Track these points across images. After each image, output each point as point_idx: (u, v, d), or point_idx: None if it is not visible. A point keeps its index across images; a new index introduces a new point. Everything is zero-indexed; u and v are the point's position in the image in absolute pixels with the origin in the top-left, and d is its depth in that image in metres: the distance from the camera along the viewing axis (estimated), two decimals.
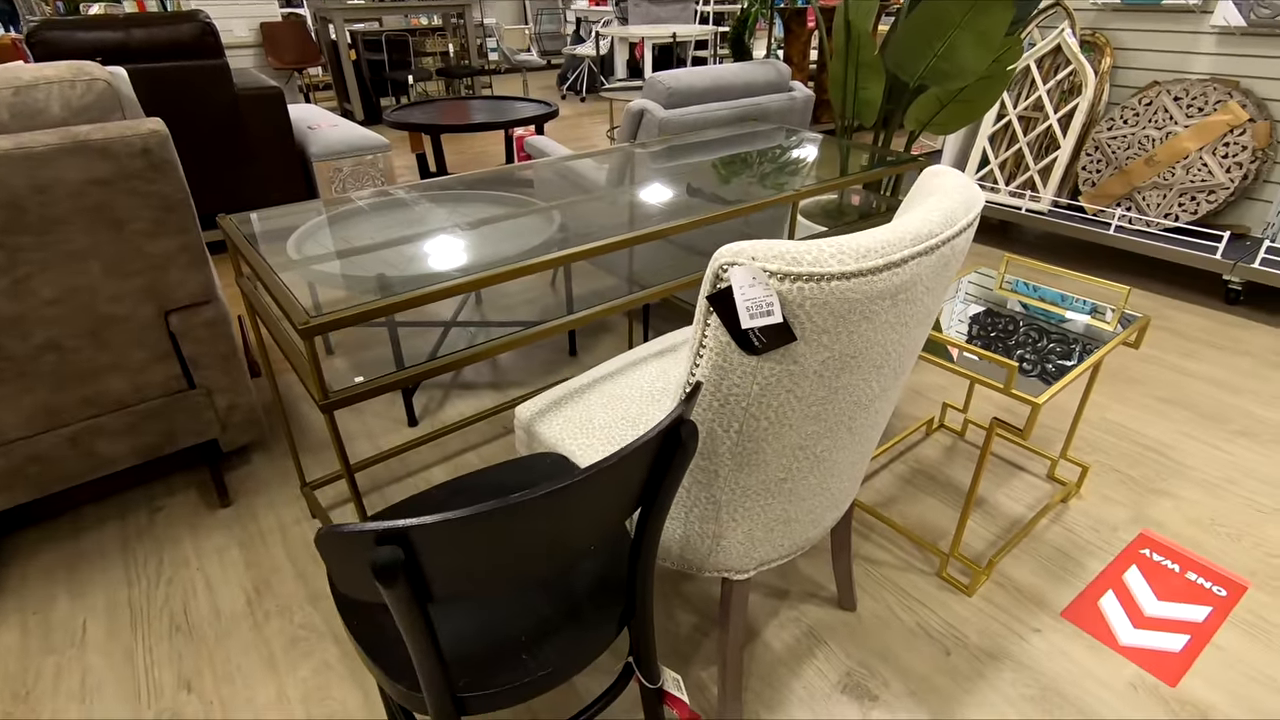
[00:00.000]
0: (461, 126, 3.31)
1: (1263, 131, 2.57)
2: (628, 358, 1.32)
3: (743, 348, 0.75)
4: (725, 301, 0.72)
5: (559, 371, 2.22)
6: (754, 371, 0.76)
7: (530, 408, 1.20)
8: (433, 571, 0.58)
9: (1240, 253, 2.56)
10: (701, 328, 0.77)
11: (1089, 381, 1.58)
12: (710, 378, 0.79)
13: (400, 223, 1.57)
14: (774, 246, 0.70)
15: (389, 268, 1.38)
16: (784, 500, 0.94)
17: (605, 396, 1.20)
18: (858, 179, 1.55)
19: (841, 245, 0.71)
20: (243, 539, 1.57)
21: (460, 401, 2.08)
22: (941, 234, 0.79)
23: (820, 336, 0.74)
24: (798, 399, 0.80)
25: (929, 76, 1.71)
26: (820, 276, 0.70)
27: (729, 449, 0.85)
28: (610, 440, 1.11)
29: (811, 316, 0.72)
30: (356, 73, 5.84)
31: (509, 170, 1.98)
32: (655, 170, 1.84)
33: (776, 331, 0.72)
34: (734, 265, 0.71)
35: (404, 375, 1.10)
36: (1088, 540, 1.56)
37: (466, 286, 1.12)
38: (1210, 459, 1.81)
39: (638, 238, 1.29)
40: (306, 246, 1.45)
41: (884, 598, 1.42)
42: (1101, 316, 1.47)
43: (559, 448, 1.13)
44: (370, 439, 1.91)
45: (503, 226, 1.55)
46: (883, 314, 0.77)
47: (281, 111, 3.08)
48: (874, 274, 0.72)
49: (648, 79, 1.94)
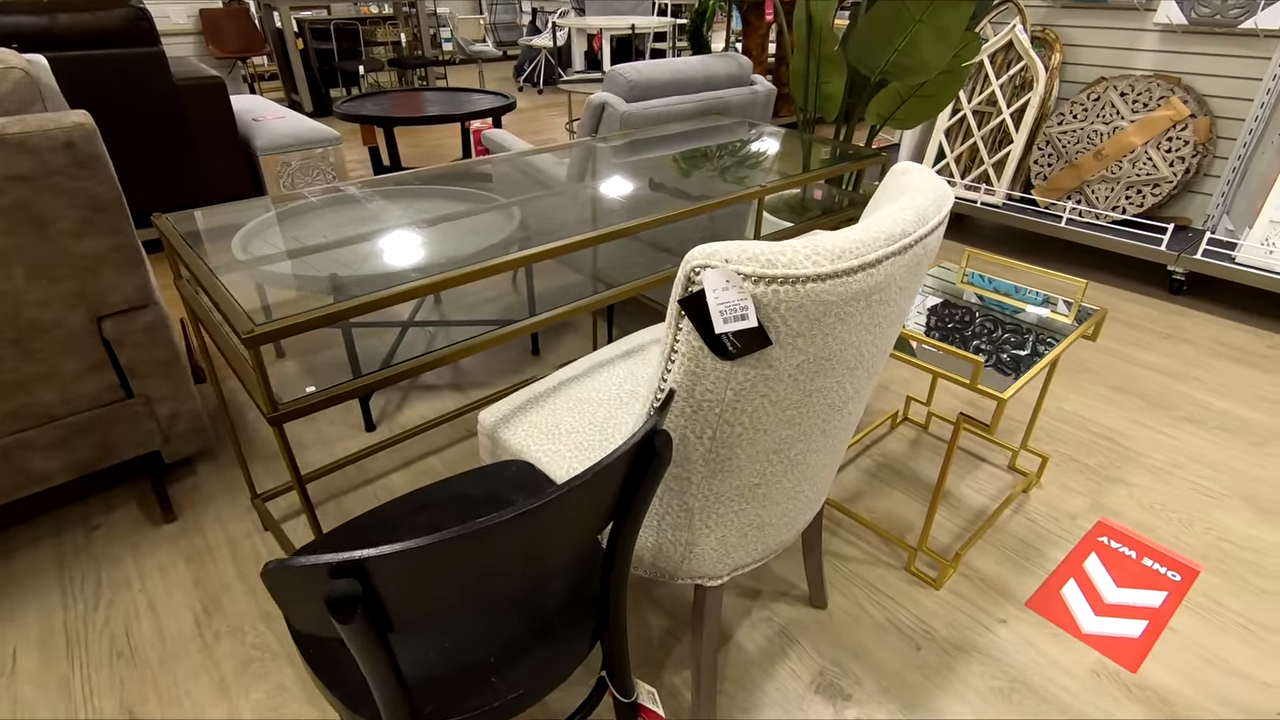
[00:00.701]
0: (416, 119, 3.22)
1: (1203, 127, 2.66)
2: (593, 359, 1.29)
3: (716, 353, 0.72)
4: (698, 305, 0.70)
5: (522, 371, 2.17)
6: (728, 377, 0.74)
7: (493, 413, 1.16)
8: (393, 602, 0.54)
9: (1183, 244, 2.65)
10: (673, 332, 0.74)
11: (1049, 374, 1.61)
12: (683, 384, 0.76)
13: (353, 220, 1.50)
14: (748, 248, 0.68)
15: (342, 268, 1.32)
16: (758, 505, 0.92)
17: (571, 400, 1.17)
18: (823, 174, 1.54)
19: (816, 246, 0.69)
20: (189, 555, 1.49)
21: (420, 403, 2.01)
22: (914, 233, 0.78)
23: (795, 340, 0.72)
24: (772, 403, 0.78)
25: (890, 71, 1.71)
26: (795, 279, 0.67)
27: (702, 455, 0.83)
28: (578, 446, 1.07)
29: (786, 320, 0.70)
30: (304, 63, 5.64)
31: (467, 165, 1.92)
32: (618, 165, 1.80)
33: (751, 336, 0.70)
34: (706, 268, 0.68)
35: (360, 384, 1.05)
36: (1049, 530, 1.59)
37: (425, 289, 1.07)
38: (1159, 445, 1.86)
39: (602, 236, 1.25)
40: (254, 246, 1.38)
41: (854, 594, 1.42)
42: (1057, 308, 1.49)
43: (525, 455, 1.09)
44: (325, 446, 1.83)
45: (462, 224, 1.50)
46: (857, 315, 0.75)
47: (223, 103, 2.94)
48: (849, 275, 0.71)
49: (608, 72, 1.90)
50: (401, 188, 1.69)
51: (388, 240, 1.39)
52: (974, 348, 1.36)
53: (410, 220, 1.50)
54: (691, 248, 0.71)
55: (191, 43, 5.68)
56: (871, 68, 1.73)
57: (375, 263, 1.32)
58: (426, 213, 1.56)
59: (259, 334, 0.86)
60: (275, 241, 1.42)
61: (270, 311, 1.07)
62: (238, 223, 1.42)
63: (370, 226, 1.46)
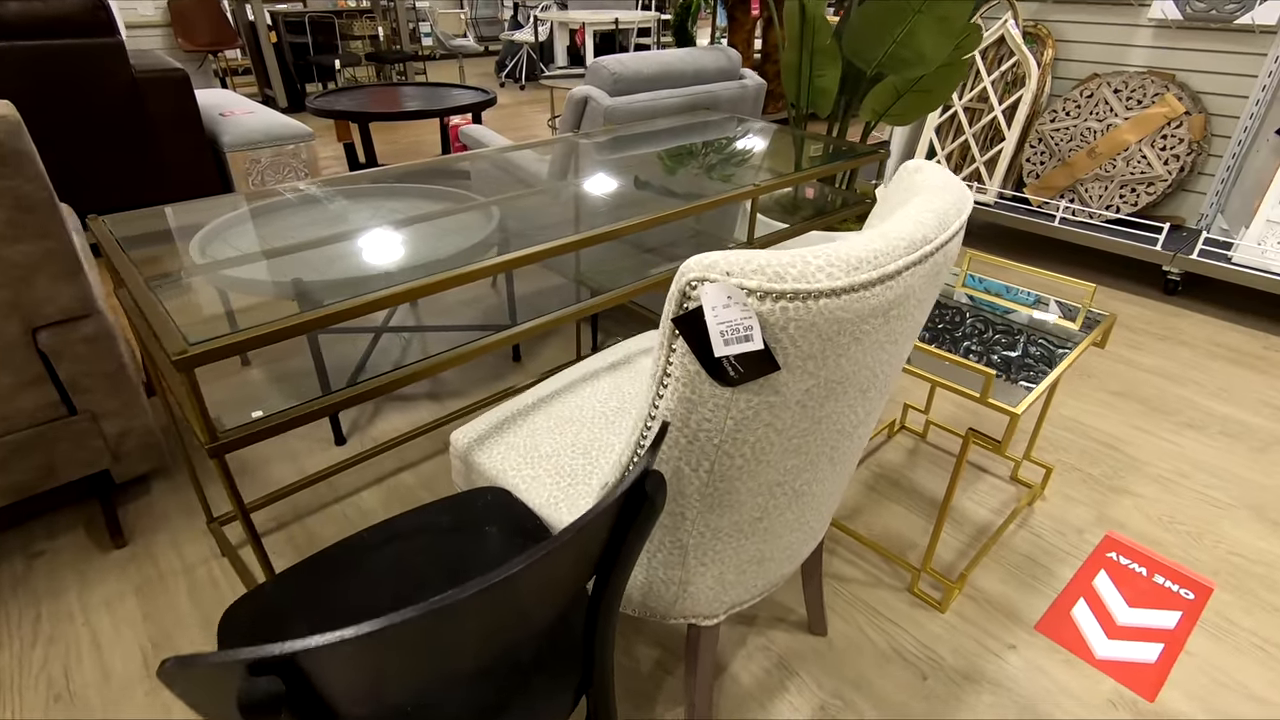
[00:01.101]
0: (392, 114, 3.10)
1: (1198, 124, 2.61)
2: (576, 372, 1.20)
3: (715, 378, 0.63)
4: (694, 324, 0.61)
5: (502, 379, 2.07)
6: (728, 404, 0.65)
7: (467, 434, 1.06)
8: (333, 697, 0.45)
9: (1179, 244, 2.61)
10: (665, 354, 0.65)
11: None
12: (677, 412, 0.67)
13: (321, 220, 1.40)
14: (752, 259, 0.59)
15: (308, 272, 1.22)
16: (759, 540, 0.84)
17: (552, 419, 1.07)
18: (821, 171, 1.46)
19: (830, 257, 0.60)
20: (140, 584, 1.38)
21: (394, 415, 1.91)
22: (936, 239, 0.70)
23: (805, 363, 0.63)
24: (777, 433, 0.69)
25: (887, 64, 1.63)
26: (807, 294, 0.59)
27: (697, 490, 0.74)
28: (559, 472, 0.98)
29: (796, 341, 0.61)
30: (278, 57, 5.47)
31: (443, 161, 1.81)
32: (602, 162, 1.71)
33: (756, 360, 0.61)
34: (705, 282, 0.59)
35: (321, 405, 0.95)
36: (1055, 545, 1.52)
37: (394, 299, 0.97)
38: (1162, 453, 1.80)
39: (586, 240, 1.16)
40: (213, 248, 1.27)
41: (855, 619, 1.34)
42: (1048, 308, 1.42)
43: (501, 481, 0.99)
44: (292, 461, 1.72)
45: (438, 224, 1.40)
46: (873, 333, 0.67)
47: (187, 96, 2.80)
48: (866, 289, 0.62)
49: (591, 64, 1.80)
50: (375, 186, 1.58)
51: (357, 242, 1.28)
52: (964, 349, 1.30)
53: (382, 220, 1.40)
54: (681, 250, 0.62)
55: (160, 36, 5.49)
56: (868, 61, 1.65)
57: (343, 266, 1.22)
58: (400, 212, 1.45)
59: (193, 355, 0.75)
60: (237, 244, 1.31)
61: (234, 320, 0.97)
62: (193, 223, 1.32)
63: (339, 227, 1.36)
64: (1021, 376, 1.22)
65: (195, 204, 1.39)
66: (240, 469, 1.69)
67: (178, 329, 0.79)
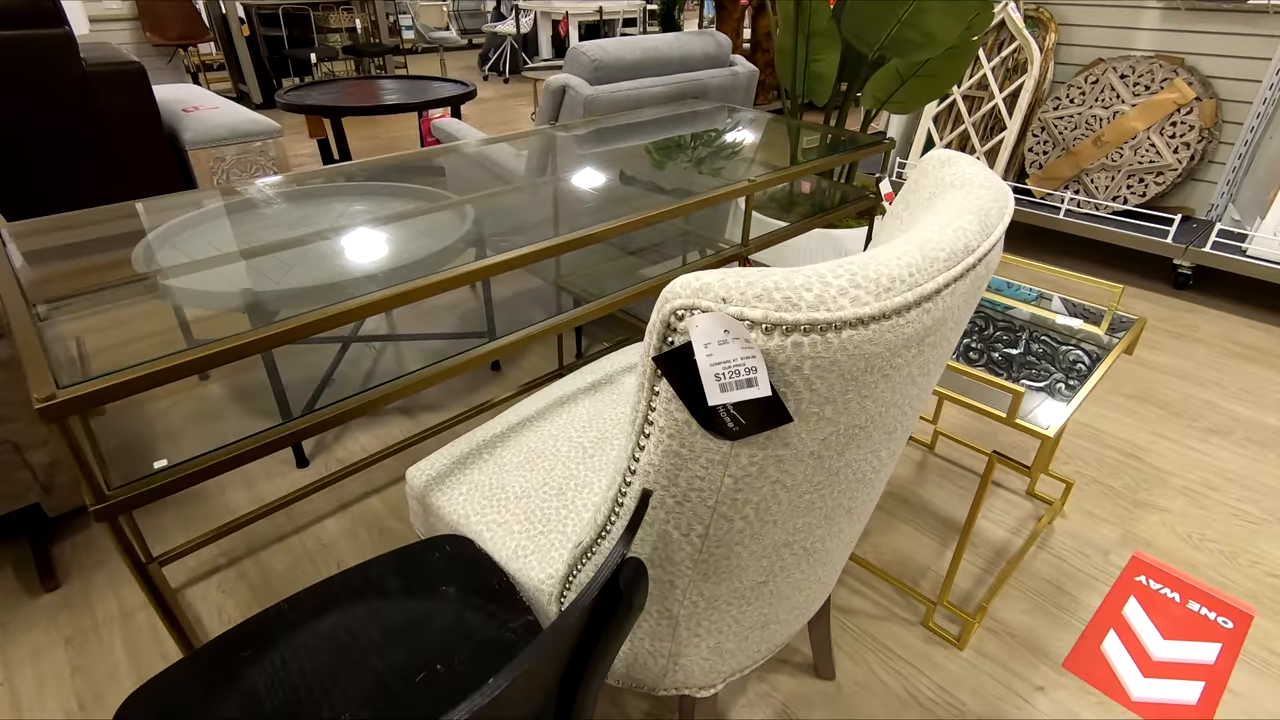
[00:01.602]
0: (366, 108, 2.94)
1: (1209, 110, 2.50)
2: (551, 395, 1.06)
3: (710, 430, 0.50)
4: (682, 364, 0.47)
5: (480, 390, 1.93)
6: (725, 460, 0.52)
7: (425, 471, 0.93)
8: None
9: (1190, 236, 2.49)
10: (647, 396, 0.52)
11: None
12: (662, 468, 0.54)
13: (276, 222, 1.26)
14: (755, 281, 0.45)
15: (258, 281, 1.08)
16: (762, 604, 0.70)
17: (523, 453, 0.94)
18: (822, 164, 1.33)
19: (854, 276, 0.47)
20: (71, 634, 1.23)
21: (362, 432, 1.76)
22: (979, 247, 0.56)
23: (823, 408, 0.50)
24: (786, 490, 0.56)
25: (891, 47, 1.50)
26: (827, 325, 0.45)
27: (689, 556, 0.60)
28: (530, 517, 0.84)
29: (812, 383, 0.48)
30: (252, 51, 5.29)
31: (411, 157, 1.67)
32: (583, 156, 1.57)
33: (760, 408, 0.47)
34: (695, 311, 0.45)
35: (257, 443, 0.81)
36: (1079, 569, 1.40)
37: (351, 315, 0.84)
38: (1188, 462, 1.68)
39: (568, 244, 1.02)
40: (164, 255, 1.13)
41: (865, 658, 1.21)
42: (1051, 305, 1.30)
43: (463, 527, 0.86)
44: (248, 487, 1.58)
45: (406, 226, 1.26)
46: (905, 367, 0.54)
47: (144, 91, 2.63)
48: (900, 315, 0.49)
49: (570, 50, 1.66)
50: (332, 185, 1.44)
51: (315, 247, 1.14)
52: (964, 346, 1.19)
53: (346, 222, 1.25)
54: (669, 250, 0.50)
55: (128, 30, 5.29)
56: (870, 43, 1.51)
57: (297, 275, 1.08)
58: (365, 214, 1.31)
59: (64, 400, 0.61)
60: (187, 249, 1.17)
61: (190, 332, 0.84)
62: (151, 226, 1.18)
63: (294, 231, 1.21)
64: (1023, 375, 1.12)
65: (148, 203, 1.25)
66: (188, 497, 1.54)
67: (48, 368, 0.64)
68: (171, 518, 1.49)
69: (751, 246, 1.31)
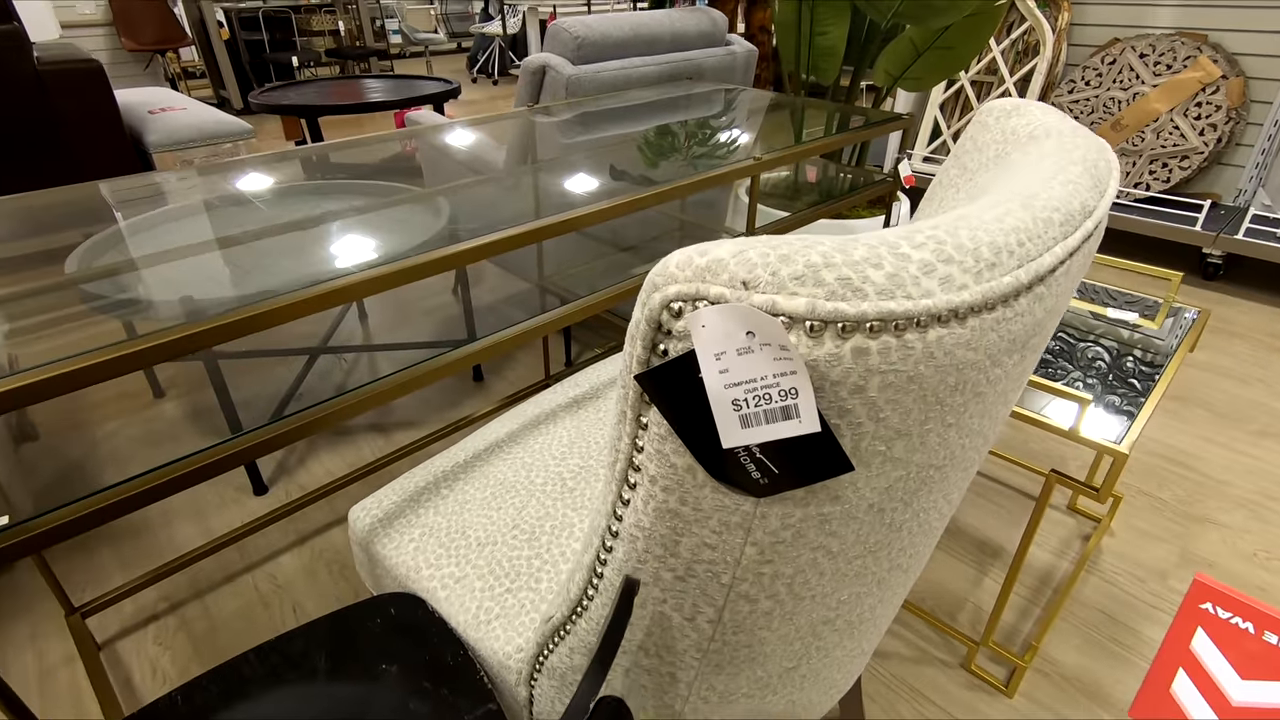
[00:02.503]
0: (342, 107, 2.79)
1: (1236, 89, 2.34)
2: (525, 414, 0.89)
3: (725, 483, 0.33)
4: (680, 385, 0.31)
5: (460, 404, 1.76)
6: (747, 523, 0.35)
7: (369, 511, 0.76)
8: None
9: (1220, 223, 2.34)
10: (631, 432, 0.35)
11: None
12: (655, 532, 0.37)
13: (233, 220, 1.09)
14: (791, 255, 0.29)
15: (209, 286, 0.92)
16: (791, 689, 0.54)
17: (489, 486, 0.77)
18: (840, 140, 1.17)
19: (941, 245, 0.31)
20: None
21: (328, 454, 1.60)
22: (1096, 210, 0.40)
23: (891, 445, 0.34)
24: (832, 556, 0.40)
25: (907, 13, 1.34)
26: (908, 320, 0.29)
27: (696, 645, 0.44)
28: (495, 569, 0.68)
29: (880, 411, 0.31)
30: (232, 55, 5.13)
31: (366, 140, 1.51)
32: (566, 143, 1.41)
33: (803, 452, 0.31)
34: (698, 303, 0.29)
35: (204, 461, 0.64)
36: (1135, 596, 1.23)
37: (277, 316, 0.67)
38: (1242, 469, 1.52)
39: (544, 229, 0.86)
40: (104, 260, 0.97)
41: (898, 708, 1.04)
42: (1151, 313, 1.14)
43: (413, 584, 0.69)
44: (198, 518, 1.41)
45: (372, 222, 1.09)
46: (1003, 380, 0.37)
47: (103, 90, 2.47)
48: (1008, 303, 0.32)
49: (551, 27, 1.50)
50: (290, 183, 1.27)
51: (267, 246, 0.98)
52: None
53: (307, 221, 1.09)
54: (664, 246, 0.32)
55: (103, 35, 5.13)
56: (883, 10, 1.35)
57: (249, 280, 0.92)
58: (329, 212, 1.15)
59: None
60: (127, 252, 1.00)
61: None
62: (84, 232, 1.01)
63: (245, 227, 1.05)
64: (1065, 377, 0.96)
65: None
66: (128, 531, 1.37)
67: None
68: (109, 556, 1.32)
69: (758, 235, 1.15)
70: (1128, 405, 0.92)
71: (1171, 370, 0.97)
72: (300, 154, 1.40)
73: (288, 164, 1.31)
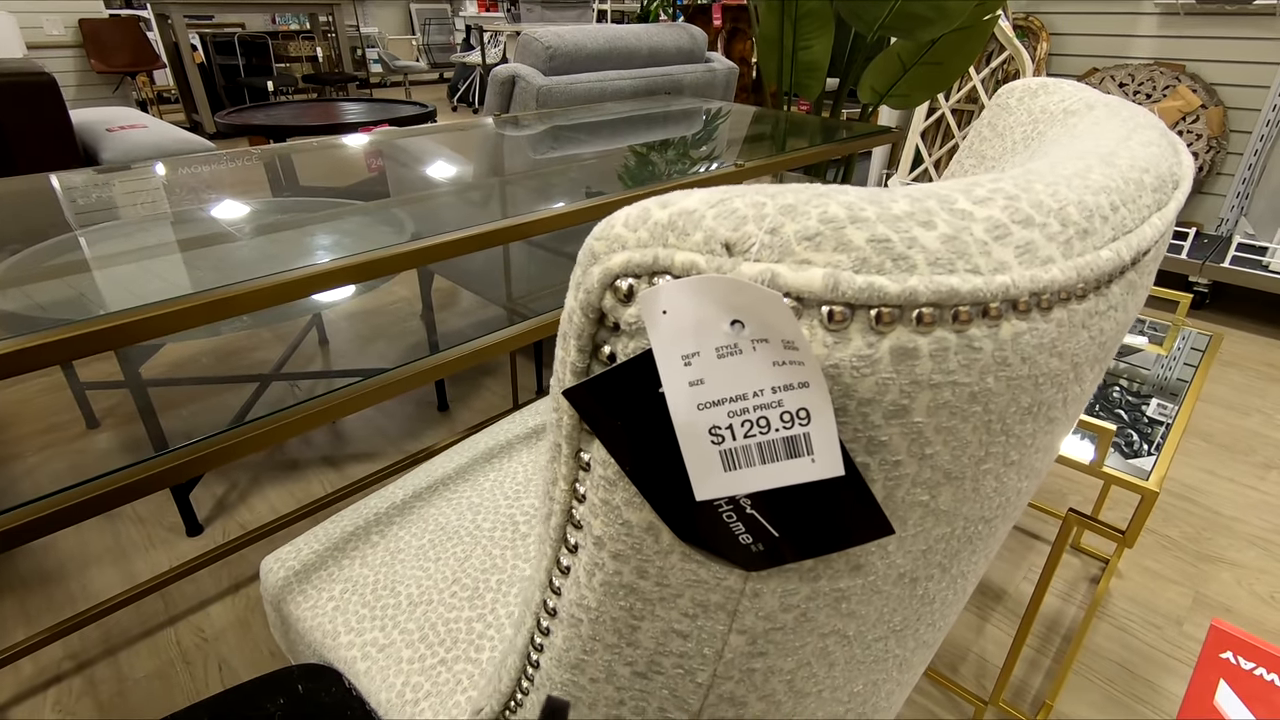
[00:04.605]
0: (312, 128, 2.71)
1: (1216, 118, 2.34)
2: (475, 447, 0.78)
3: (700, 546, 0.23)
4: (628, 403, 0.20)
5: (421, 435, 1.64)
6: (732, 603, 0.25)
7: (284, 562, 0.64)
8: None
9: (1205, 251, 2.31)
10: (569, 471, 0.25)
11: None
12: (604, 614, 0.27)
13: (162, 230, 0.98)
14: (799, 207, 0.19)
15: (124, 297, 0.80)
16: None
17: (427, 533, 0.66)
18: (828, 151, 1.09)
19: (1014, 201, 0.21)
20: None
21: (273, 490, 1.46)
22: (1182, 178, 0.31)
23: (937, 494, 0.23)
24: (847, 642, 0.29)
25: (894, 25, 1.28)
26: (976, 305, 0.19)
27: None
28: (427, 638, 0.56)
29: (927, 442, 0.21)
30: (206, 79, 5.04)
31: (311, 144, 1.41)
32: (534, 155, 1.32)
33: (815, 506, 0.21)
34: (656, 277, 0.19)
35: (108, 487, 0.52)
36: (1151, 644, 1.13)
37: (184, 317, 0.56)
38: (1249, 504, 1.44)
39: (495, 233, 0.76)
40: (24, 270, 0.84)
41: None
42: (1159, 337, 1.06)
43: (328, 652, 0.57)
44: (120, 562, 1.27)
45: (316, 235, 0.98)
46: (1081, 397, 0.27)
47: (55, 105, 2.36)
48: (1101, 289, 0.22)
49: (521, 37, 1.42)
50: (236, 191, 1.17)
51: (208, 256, 0.87)
52: None
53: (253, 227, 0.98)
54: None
55: (72, 57, 5.02)
56: (870, 21, 1.29)
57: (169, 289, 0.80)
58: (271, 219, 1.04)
59: None
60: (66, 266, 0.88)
61: None
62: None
63: (182, 235, 0.94)
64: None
65: None
66: (38, 575, 1.23)
67: None
68: (11, 606, 1.17)
69: None
70: (1142, 438, 0.83)
71: (1192, 398, 0.89)
72: (255, 160, 1.30)
73: (239, 171, 1.20)
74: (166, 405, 1.62)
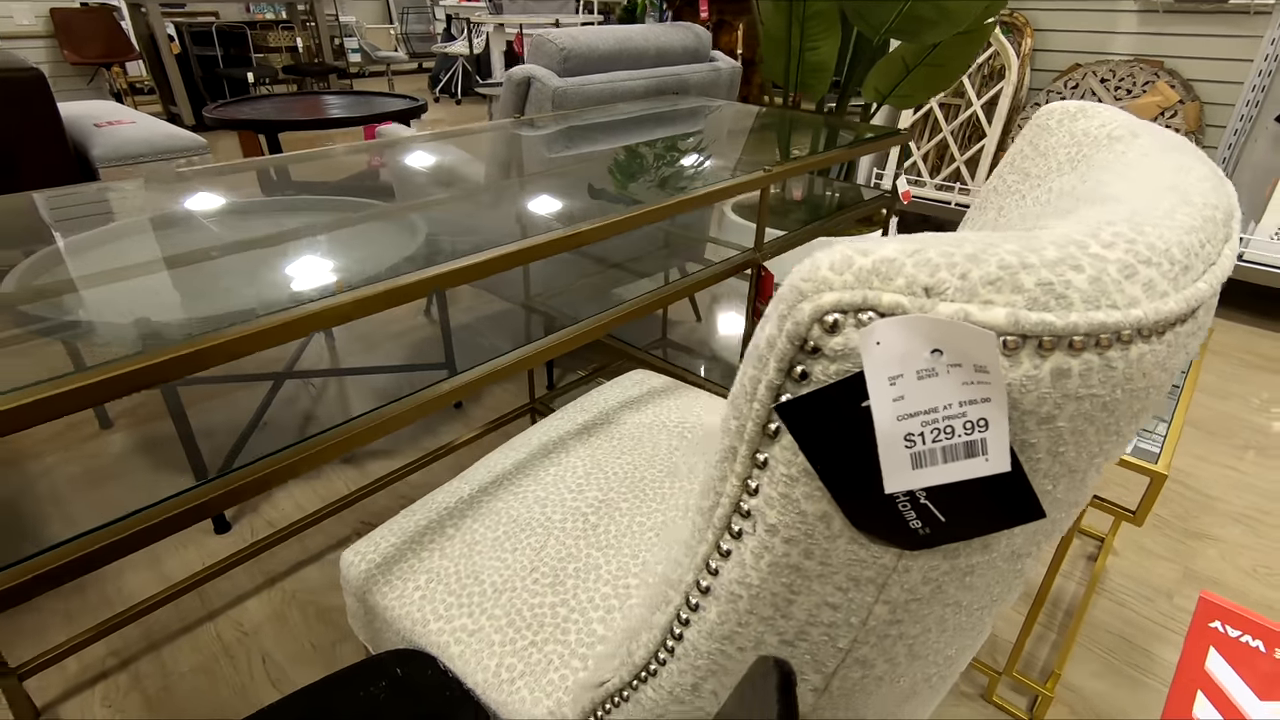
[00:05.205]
0: (305, 123, 2.69)
1: (1192, 113, 2.43)
2: (530, 443, 0.82)
3: (871, 534, 0.27)
4: (830, 418, 0.25)
5: (438, 432, 1.67)
6: (883, 578, 0.29)
7: (364, 555, 0.68)
8: None
9: None
10: (742, 473, 0.29)
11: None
12: (764, 591, 0.31)
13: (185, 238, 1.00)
14: (979, 255, 0.23)
15: (161, 309, 0.82)
16: None
17: (500, 525, 0.70)
18: (849, 153, 1.14)
19: (1132, 244, 0.26)
20: None
21: (296, 487, 1.49)
22: (1235, 214, 0.36)
23: (1059, 483, 0.28)
24: (961, 610, 0.34)
25: (900, 28, 1.33)
26: (1115, 334, 0.24)
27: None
28: (515, 621, 0.60)
29: (1062, 443, 0.26)
30: (184, 70, 4.95)
31: (340, 155, 1.43)
32: (552, 157, 1.35)
33: (983, 495, 0.25)
34: (867, 315, 0.23)
35: (158, 518, 0.55)
36: (1146, 616, 1.21)
37: (216, 353, 0.59)
38: (1231, 484, 1.53)
39: (529, 250, 0.79)
40: (45, 279, 0.86)
41: None
42: None
43: (420, 638, 0.61)
44: (152, 563, 1.29)
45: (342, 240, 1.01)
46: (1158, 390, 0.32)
47: (44, 100, 2.32)
48: (1195, 314, 0.27)
49: (535, 39, 1.45)
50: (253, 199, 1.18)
51: (225, 267, 0.89)
52: None
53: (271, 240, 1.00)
54: (646, 266, 0.37)
55: (43, 48, 4.90)
56: (876, 23, 1.34)
57: (208, 303, 0.83)
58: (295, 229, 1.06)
59: None
60: (69, 274, 0.90)
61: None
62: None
63: (199, 245, 0.96)
64: None
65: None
66: (72, 586, 1.24)
67: None
68: (51, 609, 1.19)
69: (766, 251, 1.10)
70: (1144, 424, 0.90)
71: (1191, 382, 0.96)
72: (260, 166, 1.31)
73: (246, 176, 1.22)
74: (180, 404, 1.63)
